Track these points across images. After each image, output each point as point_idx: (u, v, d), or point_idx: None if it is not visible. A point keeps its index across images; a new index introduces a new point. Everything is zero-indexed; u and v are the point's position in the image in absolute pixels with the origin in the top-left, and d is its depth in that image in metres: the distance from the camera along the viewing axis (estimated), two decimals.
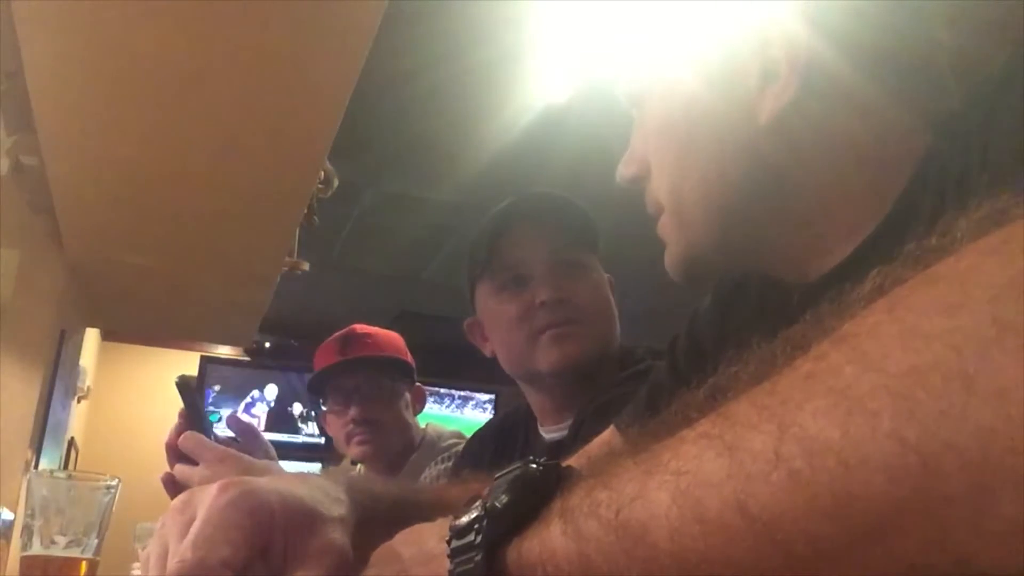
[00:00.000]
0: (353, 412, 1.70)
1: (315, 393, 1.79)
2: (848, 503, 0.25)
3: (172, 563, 0.43)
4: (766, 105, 0.55)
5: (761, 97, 0.56)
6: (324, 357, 1.76)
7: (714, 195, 0.59)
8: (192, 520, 0.46)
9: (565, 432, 1.12)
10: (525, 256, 1.15)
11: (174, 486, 0.99)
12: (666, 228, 0.64)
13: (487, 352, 1.24)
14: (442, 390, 5.45)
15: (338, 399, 1.74)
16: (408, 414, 1.77)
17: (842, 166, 0.56)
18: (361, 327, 1.80)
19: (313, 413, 4.23)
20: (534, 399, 1.21)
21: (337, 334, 1.78)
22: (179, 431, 0.99)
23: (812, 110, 0.55)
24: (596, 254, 1.20)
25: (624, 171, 0.66)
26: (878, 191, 0.54)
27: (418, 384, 1.84)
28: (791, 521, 0.26)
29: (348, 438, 1.71)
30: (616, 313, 1.18)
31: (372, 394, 1.71)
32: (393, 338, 1.83)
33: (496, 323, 1.18)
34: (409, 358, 1.82)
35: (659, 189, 0.63)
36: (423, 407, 1.86)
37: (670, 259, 0.64)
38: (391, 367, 1.76)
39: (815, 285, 0.57)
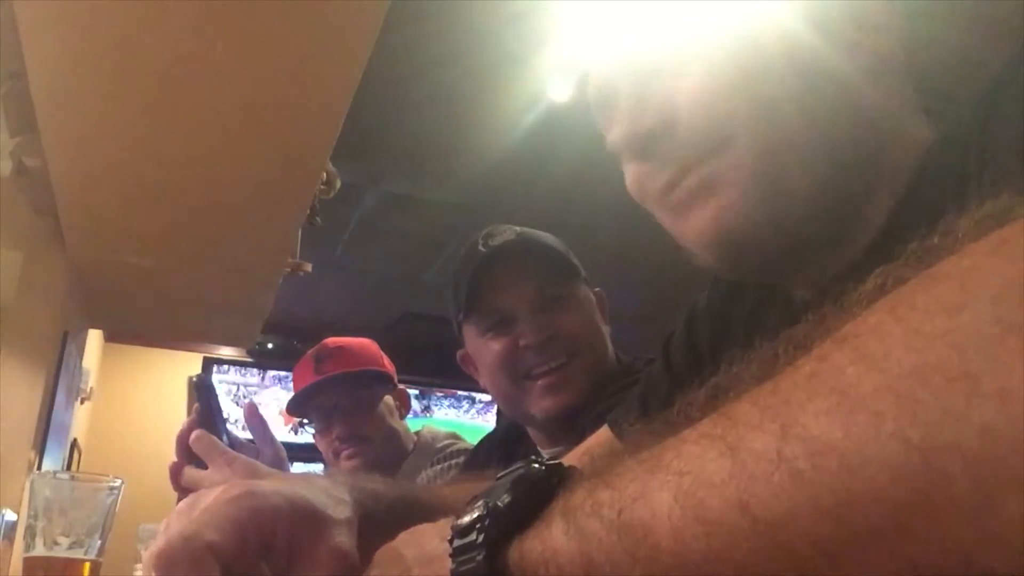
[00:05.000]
0: (337, 429, 1.70)
1: (297, 414, 1.79)
2: (851, 504, 0.25)
3: (158, 542, 0.43)
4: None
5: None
6: (301, 377, 1.75)
7: (815, 137, 0.52)
8: None
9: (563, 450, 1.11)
10: (508, 299, 1.13)
11: (179, 479, 1.00)
12: (732, 167, 0.53)
13: (482, 384, 1.24)
14: (459, 392, 5.41)
15: (320, 418, 1.74)
16: (394, 420, 1.76)
17: (840, 164, 0.55)
18: (333, 340, 1.78)
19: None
20: (532, 432, 1.21)
21: (311, 351, 1.77)
22: (191, 427, 0.99)
23: (808, 108, 0.54)
24: (580, 279, 1.18)
25: (638, 125, 0.57)
26: (876, 191, 0.54)
27: (400, 387, 1.84)
28: (793, 522, 0.26)
29: (336, 454, 1.71)
30: (606, 332, 1.17)
31: (352, 409, 1.71)
32: (367, 347, 1.82)
33: (483, 363, 1.18)
34: (385, 364, 1.81)
35: (719, 116, 0.54)
36: (409, 410, 1.86)
37: (728, 212, 0.54)
38: (368, 378, 1.75)
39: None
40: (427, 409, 5.35)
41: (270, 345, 4.98)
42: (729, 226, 0.54)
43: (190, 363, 4.62)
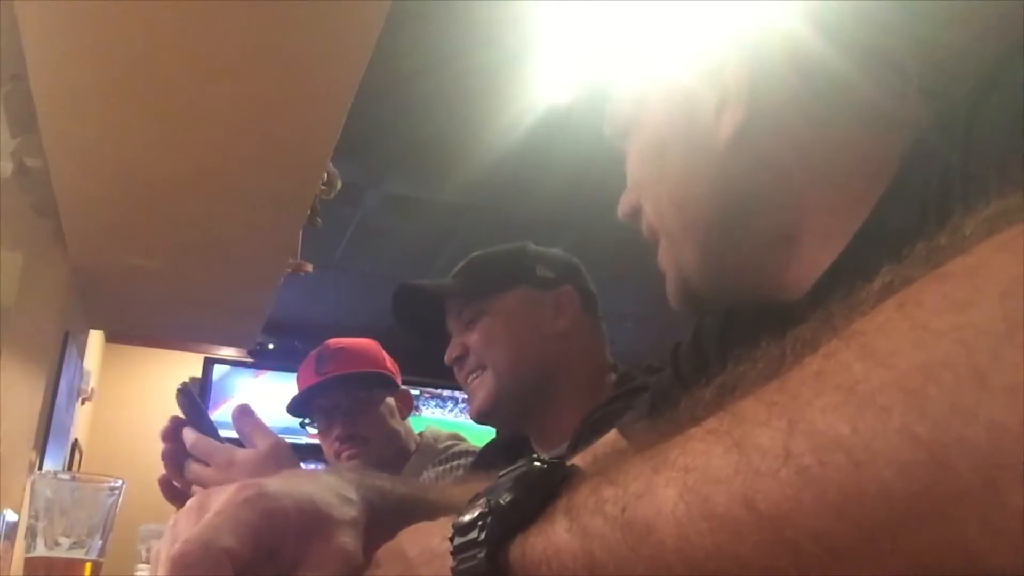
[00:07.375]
0: (337, 430, 1.70)
1: (299, 415, 1.79)
2: (857, 499, 0.25)
3: (176, 546, 0.43)
4: (722, 129, 0.58)
5: (718, 120, 0.59)
6: (302, 378, 1.76)
7: (688, 213, 0.62)
8: None
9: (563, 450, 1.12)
10: (449, 324, 1.31)
11: (171, 488, 1.00)
12: (662, 254, 0.66)
13: None
14: (444, 392, 5.42)
15: (321, 419, 1.74)
16: (395, 421, 1.76)
17: (808, 178, 0.57)
18: (335, 342, 1.79)
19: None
20: (532, 438, 1.25)
21: (313, 352, 1.78)
22: (168, 437, 0.99)
23: (765, 129, 0.57)
24: (505, 290, 1.25)
25: (622, 208, 0.70)
26: (854, 199, 0.55)
27: (403, 388, 1.84)
28: (800, 518, 0.26)
29: (337, 455, 1.71)
30: (531, 333, 1.23)
31: (353, 410, 1.71)
32: (368, 348, 1.82)
33: None
34: (387, 365, 1.81)
35: (648, 214, 0.66)
36: (410, 411, 1.86)
37: (669, 287, 0.66)
38: (368, 379, 1.75)
39: (815, 290, 0.57)
40: (416, 408, 5.36)
41: (270, 345, 4.98)
42: (673, 298, 0.65)
43: (190, 363, 4.62)
